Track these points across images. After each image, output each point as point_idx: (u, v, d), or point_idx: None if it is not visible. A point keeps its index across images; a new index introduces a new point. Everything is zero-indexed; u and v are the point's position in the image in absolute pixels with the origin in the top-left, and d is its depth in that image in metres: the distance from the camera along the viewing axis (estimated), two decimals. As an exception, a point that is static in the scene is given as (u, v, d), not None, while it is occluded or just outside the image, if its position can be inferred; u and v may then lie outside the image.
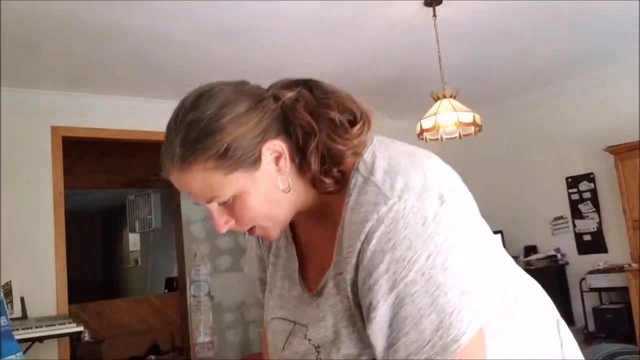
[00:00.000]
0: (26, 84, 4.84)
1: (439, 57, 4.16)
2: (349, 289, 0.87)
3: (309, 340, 0.93)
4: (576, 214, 6.26)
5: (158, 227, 9.23)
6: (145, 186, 8.47)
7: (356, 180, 0.89)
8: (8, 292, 4.36)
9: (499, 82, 6.03)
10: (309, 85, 1.00)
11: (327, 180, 0.92)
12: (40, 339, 4.15)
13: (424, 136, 4.12)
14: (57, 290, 4.88)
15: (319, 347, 0.92)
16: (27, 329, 4.01)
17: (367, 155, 0.93)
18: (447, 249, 0.82)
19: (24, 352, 3.69)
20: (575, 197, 6.26)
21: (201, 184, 0.89)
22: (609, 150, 5.65)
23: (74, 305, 5.55)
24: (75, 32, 3.97)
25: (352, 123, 0.95)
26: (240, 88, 0.95)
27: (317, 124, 0.92)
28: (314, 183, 0.93)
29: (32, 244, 4.81)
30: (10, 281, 4.40)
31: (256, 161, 0.89)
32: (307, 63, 4.92)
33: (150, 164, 7.47)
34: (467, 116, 3.94)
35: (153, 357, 7.51)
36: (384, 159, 0.92)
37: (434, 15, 4.08)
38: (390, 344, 0.81)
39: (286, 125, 0.93)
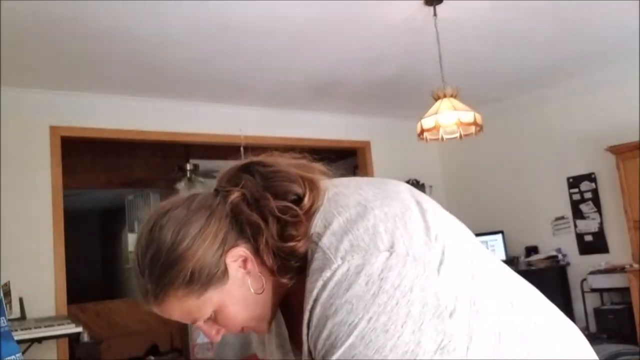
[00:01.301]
0: (25, 84, 4.83)
1: (440, 56, 4.15)
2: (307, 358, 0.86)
3: None
4: (577, 214, 6.25)
5: (157, 228, 9.19)
6: (144, 186, 8.45)
7: (312, 251, 0.87)
8: (7, 293, 4.33)
9: (499, 82, 6.01)
10: (250, 171, 0.95)
11: (285, 277, 0.90)
12: (39, 340, 4.13)
13: (424, 136, 4.10)
14: (56, 291, 4.87)
15: None
16: (26, 329, 3.98)
17: (318, 221, 0.89)
18: (391, 308, 0.79)
19: (23, 353, 3.66)
20: (576, 197, 6.25)
21: (180, 312, 0.90)
22: (611, 150, 5.63)
23: (72, 306, 5.53)
24: (74, 32, 3.96)
25: (298, 200, 0.91)
26: (189, 206, 0.92)
27: (264, 220, 0.89)
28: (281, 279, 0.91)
29: (30, 244, 4.80)
30: (9, 281, 4.37)
31: (223, 275, 0.88)
32: (307, 62, 4.91)
33: (149, 164, 7.46)
34: (468, 116, 3.92)
35: (152, 357, 7.49)
36: (332, 220, 0.88)
37: (435, 15, 4.07)
38: None
39: (241, 226, 0.91)
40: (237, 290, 0.90)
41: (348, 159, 7.50)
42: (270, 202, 0.89)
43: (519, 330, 0.89)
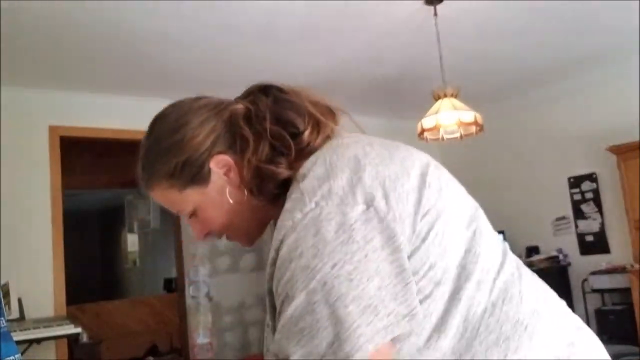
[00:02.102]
0: (24, 83, 4.81)
1: (440, 55, 4.14)
2: (267, 298, 0.86)
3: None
4: (578, 214, 6.23)
5: (156, 228, 9.20)
6: (144, 186, 8.44)
7: (292, 188, 0.87)
8: (5, 293, 4.32)
9: (500, 81, 6.01)
10: (267, 92, 0.99)
11: (259, 197, 0.93)
12: (38, 341, 4.11)
13: (424, 136, 4.08)
14: (55, 291, 4.86)
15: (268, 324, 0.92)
16: (25, 330, 3.97)
17: (309, 162, 0.89)
18: (358, 259, 0.76)
19: (22, 354, 3.65)
20: (577, 197, 6.24)
21: (165, 201, 0.97)
22: (612, 150, 5.62)
23: (72, 307, 5.52)
24: (74, 31, 3.95)
25: (296, 134, 0.93)
26: (193, 104, 0.97)
27: (256, 138, 0.92)
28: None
29: (29, 245, 4.78)
30: (8, 282, 4.37)
31: (206, 177, 0.93)
32: (307, 62, 4.89)
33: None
34: (469, 115, 3.90)
35: (152, 358, 7.48)
36: (322, 164, 0.86)
37: (435, 14, 4.05)
38: (290, 352, 0.75)
39: (234, 137, 0.94)
40: (216, 196, 0.94)
41: (348, 159, 7.48)
42: (266, 123, 0.92)
43: (502, 328, 0.84)
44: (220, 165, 0.93)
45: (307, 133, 0.93)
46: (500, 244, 0.98)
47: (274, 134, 0.92)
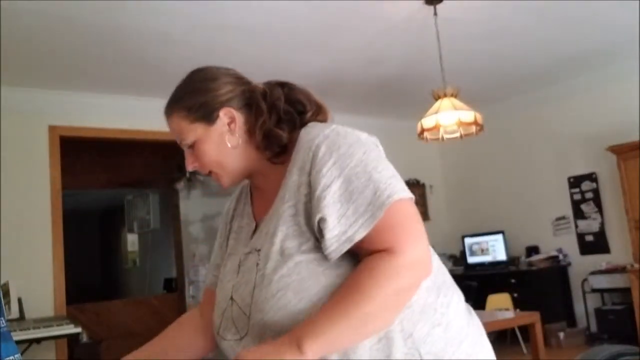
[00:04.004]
0: (24, 83, 4.82)
1: (440, 55, 4.14)
2: (302, 191, 1.08)
3: (257, 251, 1.13)
4: (578, 214, 6.24)
5: (156, 228, 9.19)
6: (143, 186, 8.43)
7: (305, 131, 1.15)
8: (5, 293, 4.33)
9: (500, 81, 6.00)
10: (281, 84, 1.28)
11: (265, 151, 1.19)
12: (38, 341, 4.12)
13: (424, 135, 4.08)
14: (55, 291, 4.86)
15: (259, 249, 1.12)
16: (25, 330, 3.97)
17: (313, 123, 1.19)
18: (378, 154, 1.10)
19: (22, 354, 3.65)
20: (577, 197, 6.24)
21: (176, 127, 1.23)
22: (612, 150, 5.62)
23: (71, 306, 5.51)
24: (74, 31, 3.95)
25: (302, 112, 1.22)
26: (224, 71, 1.27)
27: (269, 111, 1.20)
28: (260, 150, 1.20)
29: (29, 245, 4.79)
30: (8, 282, 4.37)
31: (214, 120, 1.20)
32: (307, 62, 4.89)
33: (148, 164, 7.44)
34: (468, 115, 3.91)
35: (152, 358, 7.46)
36: (324, 124, 1.18)
37: (435, 14, 4.06)
38: (342, 214, 1.03)
39: (250, 104, 1.22)
40: (216, 137, 1.20)
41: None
42: (280, 102, 1.21)
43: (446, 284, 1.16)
44: (227, 116, 1.20)
45: (310, 113, 1.22)
46: None
47: (285, 110, 1.20)
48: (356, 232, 1.02)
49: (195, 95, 1.22)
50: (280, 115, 1.20)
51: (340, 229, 1.02)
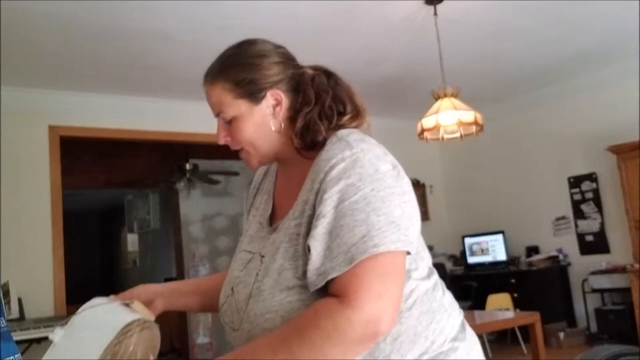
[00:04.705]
0: (24, 83, 4.82)
1: (440, 55, 4.14)
2: (306, 213, 1.06)
3: (262, 257, 1.12)
4: (578, 214, 6.24)
5: (157, 228, 9.20)
6: (143, 186, 8.43)
7: (331, 140, 1.11)
8: (5, 293, 4.33)
9: (500, 81, 6.01)
10: (328, 73, 1.26)
11: (298, 140, 1.16)
12: (38, 340, 4.12)
13: (424, 135, 4.08)
14: (55, 291, 4.86)
15: (263, 256, 1.12)
16: (25, 330, 3.97)
17: (344, 130, 1.15)
18: (390, 193, 1.02)
19: (22, 354, 3.65)
20: (577, 197, 6.24)
21: (217, 98, 1.19)
22: (611, 150, 5.62)
23: (72, 306, 5.50)
24: (74, 31, 3.95)
25: (342, 113, 1.18)
26: (276, 49, 1.25)
27: (315, 101, 1.17)
28: (295, 138, 1.17)
29: (29, 244, 4.79)
30: (8, 281, 4.37)
31: (260, 99, 1.16)
32: (307, 62, 4.89)
33: (148, 164, 7.44)
34: (468, 115, 3.91)
35: (152, 357, 7.47)
36: (358, 133, 1.15)
37: (435, 14, 4.06)
38: (327, 247, 0.99)
39: (297, 89, 1.19)
40: (259, 117, 1.16)
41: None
42: (327, 96, 1.19)
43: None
44: (273, 98, 1.17)
45: (348, 117, 1.19)
46: None
47: (329, 106, 1.18)
48: (331, 269, 0.98)
49: (245, 71, 1.18)
50: (324, 109, 1.17)
51: (319, 262, 1.00)
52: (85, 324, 1.10)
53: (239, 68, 1.18)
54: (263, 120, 1.17)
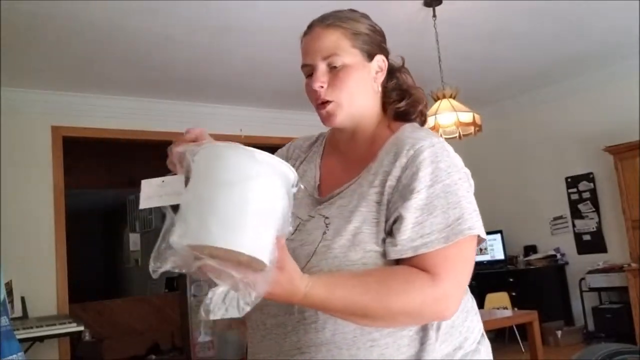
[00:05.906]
0: (27, 84, 4.85)
1: (439, 57, 4.16)
2: (390, 183, 1.08)
3: (325, 218, 1.12)
4: (576, 213, 6.27)
5: (159, 227, 9.23)
6: (145, 186, 8.46)
7: (412, 125, 1.21)
8: (9, 292, 4.36)
9: (498, 82, 6.03)
10: (400, 69, 1.32)
11: (395, 103, 1.24)
12: (41, 339, 4.16)
13: (423, 136, 4.11)
14: (58, 290, 4.89)
15: (327, 217, 1.11)
16: (28, 328, 4.01)
17: (416, 126, 1.22)
18: (468, 185, 1.11)
19: (25, 352, 3.69)
20: (574, 197, 6.27)
21: (333, 42, 1.17)
22: (609, 150, 5.65)
23: (74, 305, 5.55)
24: (75, 32, 3.98)
25: (406, 114, 1.26)
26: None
27: (399, 89, 1.26)
28: (384, 107, 1.24)
29: (32, 244, 4.82)
30: (11, 280, 4.40)
31: (371, 58, 1.20)
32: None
33: (150, 164, 7.48)
34: (467, 116, 3.94)
35: (153, 356, 7.51)
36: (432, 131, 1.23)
37: (434, 16, 4.09)
38: (419, 222, 1.03)
39: (391, 71, 1.25)
40: (364, 74, 1.19)
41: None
42: (414, 95, 1.26)
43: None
44: (381, 62, 1.22)
45: (413, 116, 1.25)
46: None
47: (413, 102, 1.25)
48: (424, 245, 1.02)
49: (365, 29, 1.21)
50: (403, 97, 1.25)
51: (410, 235, 1.03)
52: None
53: (360, 25, 1.21)
54: (368, 79, 1.19)
